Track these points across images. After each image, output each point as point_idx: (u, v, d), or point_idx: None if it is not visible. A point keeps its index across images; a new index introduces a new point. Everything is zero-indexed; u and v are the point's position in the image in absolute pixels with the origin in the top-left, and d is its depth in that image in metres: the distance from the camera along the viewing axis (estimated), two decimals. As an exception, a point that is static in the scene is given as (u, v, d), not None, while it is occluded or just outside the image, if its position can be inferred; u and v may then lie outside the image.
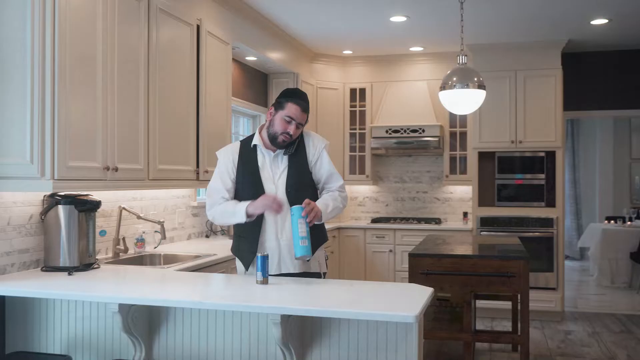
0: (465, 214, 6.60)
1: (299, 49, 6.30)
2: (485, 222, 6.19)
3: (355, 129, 6.92)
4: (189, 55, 4.02)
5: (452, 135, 6.66)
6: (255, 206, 2.83)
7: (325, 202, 2.93)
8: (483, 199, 6.30)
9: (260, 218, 2.92)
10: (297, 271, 2.96)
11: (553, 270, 6.04)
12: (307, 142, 3.04)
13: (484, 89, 4.44)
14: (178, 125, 3.88)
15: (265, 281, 2.71)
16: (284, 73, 6.25)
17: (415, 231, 6.32)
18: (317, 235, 3.00)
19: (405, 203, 7.08)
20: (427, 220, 6.65)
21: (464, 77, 4.38)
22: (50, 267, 3.06)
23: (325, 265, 3.15)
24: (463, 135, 6.59)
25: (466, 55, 4.48)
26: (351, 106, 6.93)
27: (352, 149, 6.93)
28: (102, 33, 3.08)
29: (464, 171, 6.57)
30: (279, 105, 2.94)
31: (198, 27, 4.14)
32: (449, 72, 4.48)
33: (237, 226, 3.01)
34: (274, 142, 2.94)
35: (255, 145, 3.00)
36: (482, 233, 6.15)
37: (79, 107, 2.92)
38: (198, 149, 4.13)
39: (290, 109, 2.90)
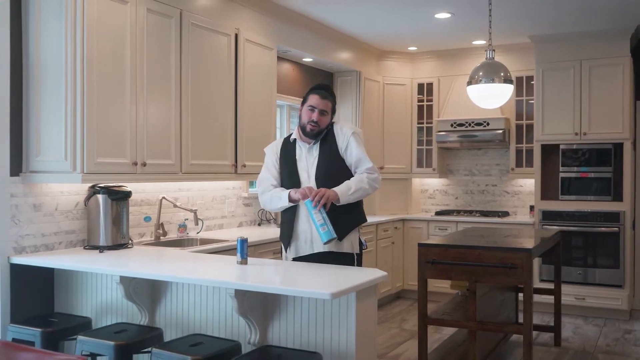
0: (531, 208, 6.49)
1: (362, 48, 6.57)
2: (548, 216, 6.08)
3: (422, 123, 7.06)
4: (226, 61, 4.49)
5: (519, 127, 6.58)
6: (296, 192, 3.22)
7: (347, 185, 3.21)
8: (547, 193, 6.19)
9: (295, 206, 3.32)
10: (327, 250, 3.27)
11: (619, 267, 5.80)
12: (336, 131, 3.36)
13: (511, 83, 4.47)
14: (214, 125, 4.38)
15: (244, 262, 3.10)
16: (347, 71, 6.57)
17: (477, 224, 6.35)
18: (351, 217, 3.30)
19: (474, 196, 7.10)
20: (492, 214, 6.63)
21: (490, 72, 4.45)
22: (90, 246, 3.69)
23: (360, 247, 3.40)
24: (530, 127, 6.49)
25: (494, 50, 4.53)
26: (419, 100, 7.08)
27: (420, 142, 7.07)
28: (130, 46, 3.64)
29: (530, 164, 6.46)
30: (303, 100, 3.39)
31: (237, 35, 4.60)
32: (476, 66, 4.56)
33: (281, 214, 3.44)
34: (304, 132, 3.32)
35: (294, 140, 3.41)
36: (544, 227, 6.05)
37: (108, 113, 3.50)
38: (237, 145, 4.61)
39: (311, 99, 3.33)
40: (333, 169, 3.29)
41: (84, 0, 3.34)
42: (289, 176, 3.36)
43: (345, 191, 3.18)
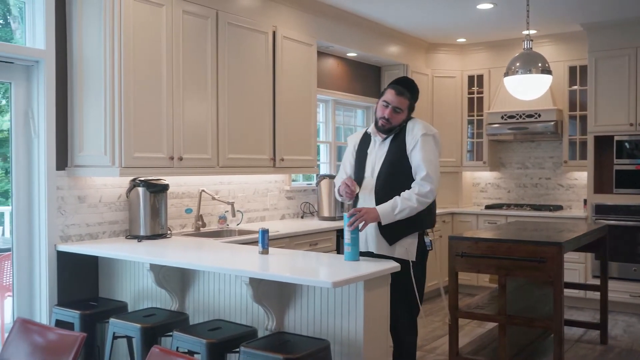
0: (585, 202, 6.28)
1: (409, 41, 6.55)
2: (602, 210, 5.88)
3: (473, 116, 6.96)
4: (263, 58, 4.63)
5: (572, 119, 6.37)
6: (340, 189, 3.24)
7: (393, 205, 3.07)
8: (601, 186, 5.98)
9: (355, 202, 3.32)
10: (379, 253, 3.15)
11: (677, 264, 5.53)
12: (409, 129, 3.22)
13: (549, 74, 4.37)
14: (252, 120, 4.52)
15: (265, 252, 3.23)
16: (394, 65, 6.58)
17: (527, 218, 6.22)
18: (407, 222, 3.13)
19: (527, 189, 6.94)
20: (544, 207, 6.46)
21: (527, 63, 4.37)
22: (132, 236, 3.93)
23: (417, 254, 3.19)
24: (583, 118, 6.27)
25: (531, 40, 4.44)
26: (469, 93, 6.98)
27: (471, 135, 6.98)
28: (166, 47, 3.83)
29: (584, 156, 6.25)
30: (381, 94, 3.31)
31: (274, 32, 4.73)
32: (513, 57, 4.49)
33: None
34: (377, 127, 3.27)
35: (370, 133, 3.37)
36: (597, 221, 5.85)
37: (145, 111, 3.71)
38: (275, 139, 4.74)
39: (387, 94, 3.23)
40: (396, 168, 3.18)
41: (121, 2, 3.56)
42: (357, 167, 3.35)
43: (389, 212, 3.05)
